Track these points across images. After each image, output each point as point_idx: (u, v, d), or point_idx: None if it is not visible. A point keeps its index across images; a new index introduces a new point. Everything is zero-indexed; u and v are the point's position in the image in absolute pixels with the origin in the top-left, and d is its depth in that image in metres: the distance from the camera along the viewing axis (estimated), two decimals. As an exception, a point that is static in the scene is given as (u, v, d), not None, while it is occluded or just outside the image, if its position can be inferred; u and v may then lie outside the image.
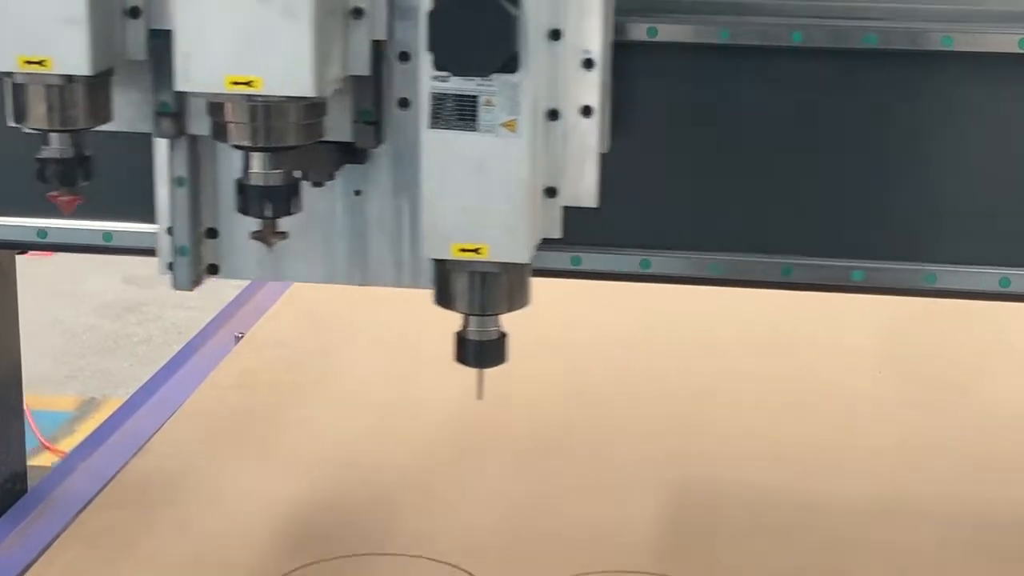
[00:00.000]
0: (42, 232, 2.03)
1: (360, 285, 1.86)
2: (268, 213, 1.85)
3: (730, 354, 2.94)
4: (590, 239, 1.91)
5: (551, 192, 1.77)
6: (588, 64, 1.73)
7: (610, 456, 2.53)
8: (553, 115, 1.75)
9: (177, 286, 1.86)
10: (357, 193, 1.84)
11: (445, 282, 1.79)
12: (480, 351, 1.85)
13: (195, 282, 1.87)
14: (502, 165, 1.71)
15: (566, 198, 1.78)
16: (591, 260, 1.93)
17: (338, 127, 1.79)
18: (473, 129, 1.70)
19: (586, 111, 1.76)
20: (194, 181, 1.84)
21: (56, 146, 1.89)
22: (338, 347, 3.02)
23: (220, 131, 1.75)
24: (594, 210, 1.80)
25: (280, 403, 2.76)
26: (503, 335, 1.84)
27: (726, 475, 2.47)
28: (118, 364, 5.27)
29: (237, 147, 1.78)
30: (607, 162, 1.76)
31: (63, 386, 5.16)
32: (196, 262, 1.86)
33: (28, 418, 4.97)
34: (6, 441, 2.45)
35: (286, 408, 2.74)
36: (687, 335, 3.01)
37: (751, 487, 2.42)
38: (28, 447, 4.89)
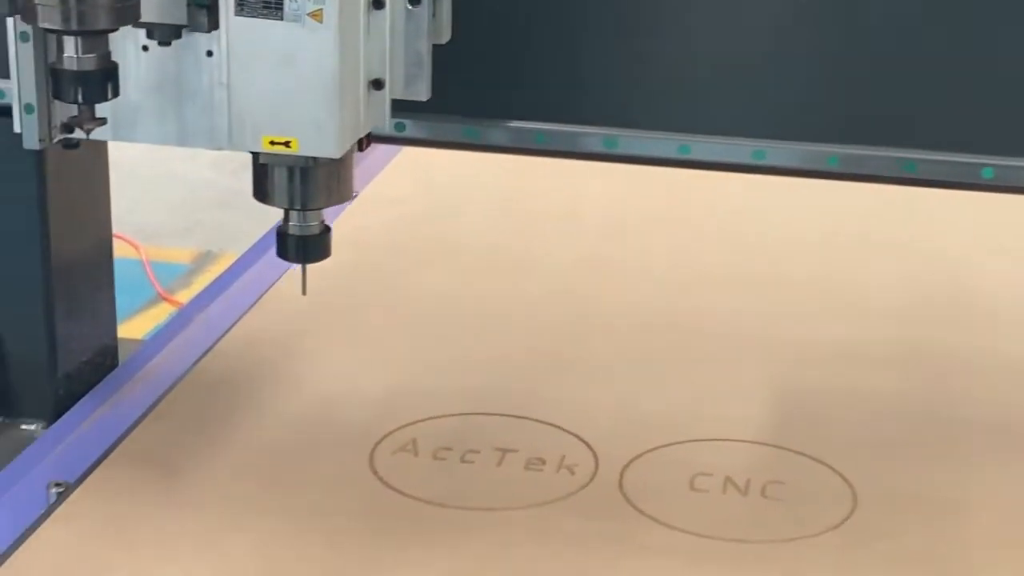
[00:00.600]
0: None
1: (212, 149, 1.82)
2: (80, 99, 1.82)
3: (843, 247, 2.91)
4: (701, 127, 1.87)
5: (377, 84, 1.75)
6: None
7: (721, 336, 2.53)
8: (378, 4, 1.72)
9: (25, 144, 1.84)
10: (209, 54, 1.79)
11: (261, 175, 1.78)
12: (301, 246, 1.84)
13: (43, 140, 1.84)
14: (309, 57, 1.68)
15: (395, 91, 1.75)
16: (701, 149, 1.88)
17: (177, 9, 1.74)
18: (279, 18, 1.66)
19: (414, 0, 1.73)
20: (41, 36, 1.79)
21: None
22: (452, 209, 3.04)
23: (31, 14, 1.70)
24: (706, 97, 1.75)
25: (394, 262, 2.78)
26: (326, 229, 1.83)
27: (835, 357, 2.47)
28: (234, 219, 5.32)
29: (48, 31, 1.74)
30: (723, 47, 1.71)
31: (181, 239, 5.23)
32: (45, 120, 1.84)
33: (147, 269, 5.09)
34: (96, 315, 2.48)
35: (400, 267, 2.76)
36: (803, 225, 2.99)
37: (860, 374, 2.42)
38: (146, 297, 5.01)
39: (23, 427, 2.41)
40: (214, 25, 1.75)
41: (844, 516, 2.00)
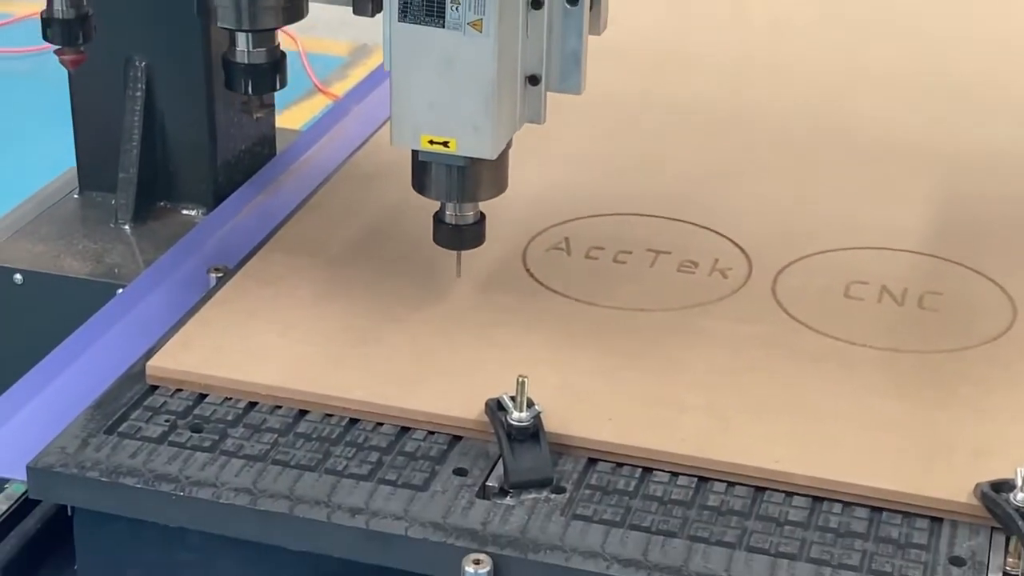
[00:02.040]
0: None
1: None
2: (249, 91, 2.07)
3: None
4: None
5: (534, 80, 1.81)
6: None
7: (883, 142, 2.47)
8: (537, 4, 1.77)
9: None
10: None
11: (420, 170, 1.86)
12: (456, 235, 1.92)
13: None
14: (469, 63, 1.73)
15: (551, 86, 1.82)
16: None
17: None
18: (441, 25, 1.72)
19: (573, 0, 1.78)
20: None
21: (57, 6, 2.14)
22: (616, 8, 2.98)
23: (211, 12, 1.96)
24: None
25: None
26: (481, 217, 1.90)
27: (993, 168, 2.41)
28: (390, 13, 5.30)
29: (223, 28, 1.96)
30: None
31: (337, 32, 5.23)
32: None
33: (303, 61, 5.11)
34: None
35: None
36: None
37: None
38: (303, 89, 5.04)
39: (184, 212, 2.47)
40: (377, 9, 1.84)
41: (1003, 329, 1.97)
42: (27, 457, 1.72)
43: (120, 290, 2.21)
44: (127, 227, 2.45)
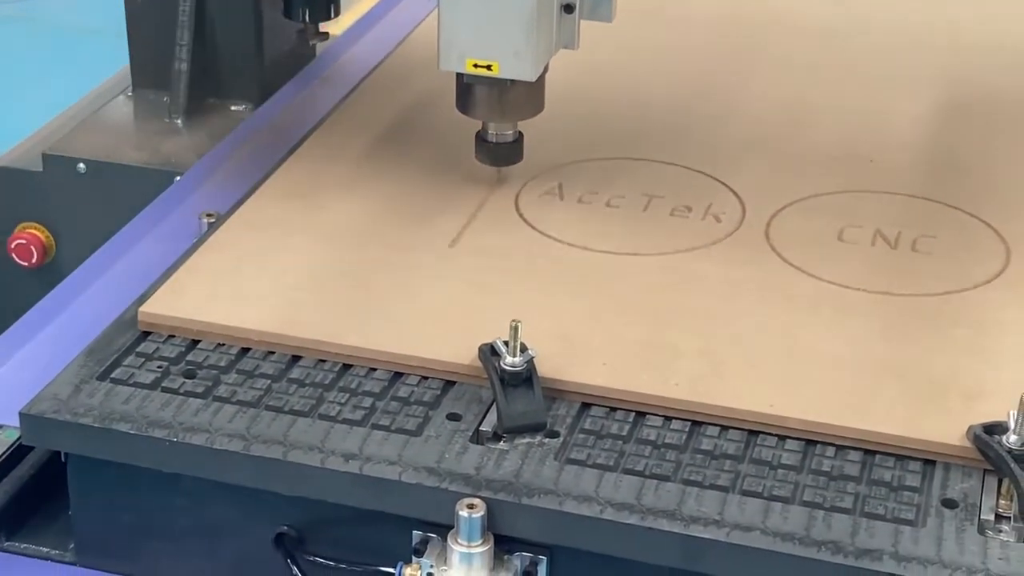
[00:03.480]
0: None
1: None
2: (307, 19, 2.29)
3: None
4: None
5: (569, 8, 1.95)
6: None
7: (875, 83, 2.47)
8: None
9: None
10: None
11: (464, 91, 1.94)
12: (497, 151, 2.08)
13: None
14: None
15: (583, 14, 1.96)
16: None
17: None
18: None
19: None
20: None
21: None
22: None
23: None
24: None
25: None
26: (519, 136, 1.98)
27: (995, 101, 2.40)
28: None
29: None
30: None
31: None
32: None
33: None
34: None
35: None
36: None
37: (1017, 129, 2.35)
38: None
39: (232, 108, 2.62)
40: None
41: (996, 272, 1.96)
42: (20, 403, 1.72)
43: (177, 177, 2.34)
44: (179, 121, 2.58)
